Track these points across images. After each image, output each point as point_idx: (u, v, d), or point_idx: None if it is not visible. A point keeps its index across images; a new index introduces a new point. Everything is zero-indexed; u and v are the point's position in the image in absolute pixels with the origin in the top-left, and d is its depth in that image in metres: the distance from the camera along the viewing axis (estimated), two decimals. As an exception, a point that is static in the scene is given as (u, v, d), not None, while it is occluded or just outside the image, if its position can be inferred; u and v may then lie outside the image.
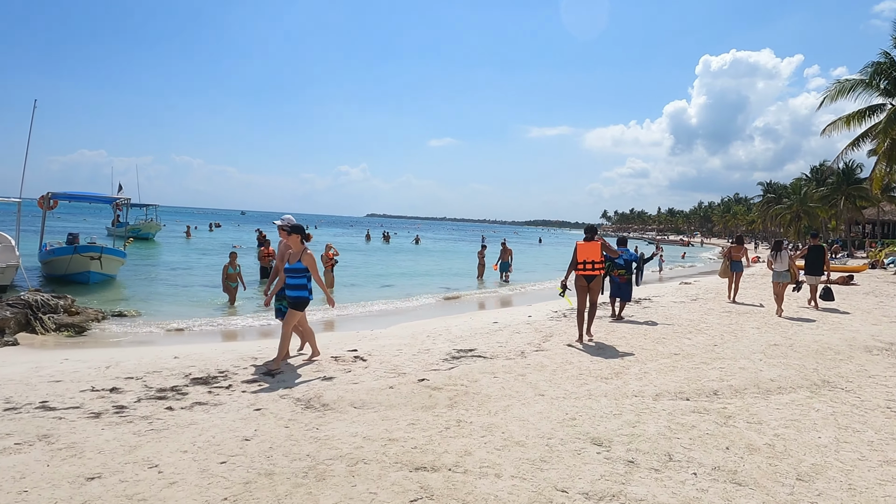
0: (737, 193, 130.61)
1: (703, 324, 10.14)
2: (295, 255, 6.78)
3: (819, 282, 13.35)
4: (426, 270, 26.89)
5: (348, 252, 36.93)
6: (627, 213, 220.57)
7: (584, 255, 8.35)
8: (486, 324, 10.57)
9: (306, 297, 6.83)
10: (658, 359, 7.30)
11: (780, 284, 12.03)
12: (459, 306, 14.79)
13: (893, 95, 22.82)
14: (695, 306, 12.93)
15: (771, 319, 10.87)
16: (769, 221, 77.26)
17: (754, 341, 8.49)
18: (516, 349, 7.90)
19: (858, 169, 49.00)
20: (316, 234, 70.15)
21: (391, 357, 7.46)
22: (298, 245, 6.81)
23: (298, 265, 6.72)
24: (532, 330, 9.57)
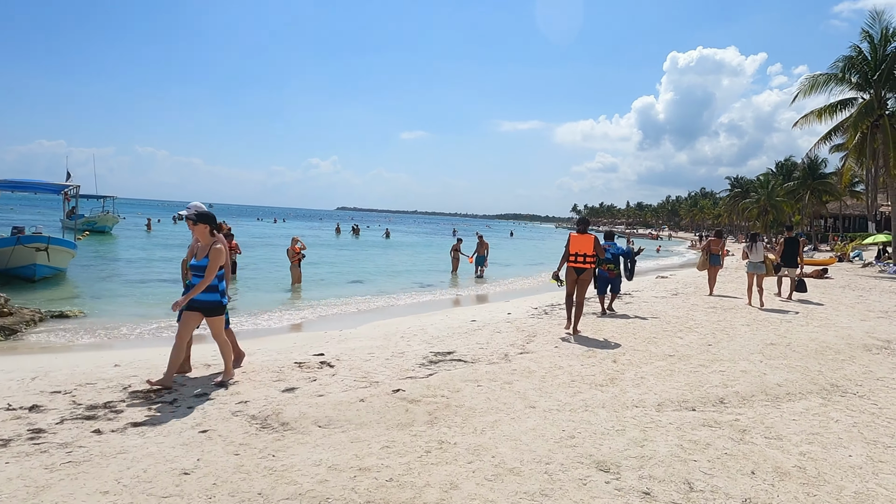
0: (703, 188, 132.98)
1: (692, 321, 9.67)
2: (203, 250, 5.67)
3: (794, 274, 13.52)
4: (398, 265, 26.12)
5: (317, 246, 35.87)
6: (597, 206, 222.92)
7: (577, 248, 8.31)
8: (463, 322, 9.92)
9: (218, 301, 5.73)
10: (653, 361, 6.74)
11: (756, 276, 12.17)
12: (435, 303, 14.11)
13: (864, 89, 22.91)
14: (678, 301, 12.51)
15: (759, 316, 10.48)
16: (735, 215, 78.63)
17: (749, 340, 8.02)
18: (499, 351, 7.26)
19: (823, 164, 50.01)
20: (284, 227, 68.55)
21: (362, 362, 6.73)
22: (207, 237, 5.72)
23: (206, 261, 5.62)
24: (514, 329, 8.95)
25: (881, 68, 21.99)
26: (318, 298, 13.99)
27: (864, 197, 51.90)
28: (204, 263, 5.60)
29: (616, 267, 10.62)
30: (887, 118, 22.07)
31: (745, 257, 12.39)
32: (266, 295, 14.24)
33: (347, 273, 21.06)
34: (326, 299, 13.86)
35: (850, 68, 23.07)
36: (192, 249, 5.82)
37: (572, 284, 8.43)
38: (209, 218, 5.74)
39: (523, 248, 48.23)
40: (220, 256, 5.63)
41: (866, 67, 22.60)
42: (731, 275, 20.22)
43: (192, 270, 5.68)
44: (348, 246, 39.18)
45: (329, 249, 34.59)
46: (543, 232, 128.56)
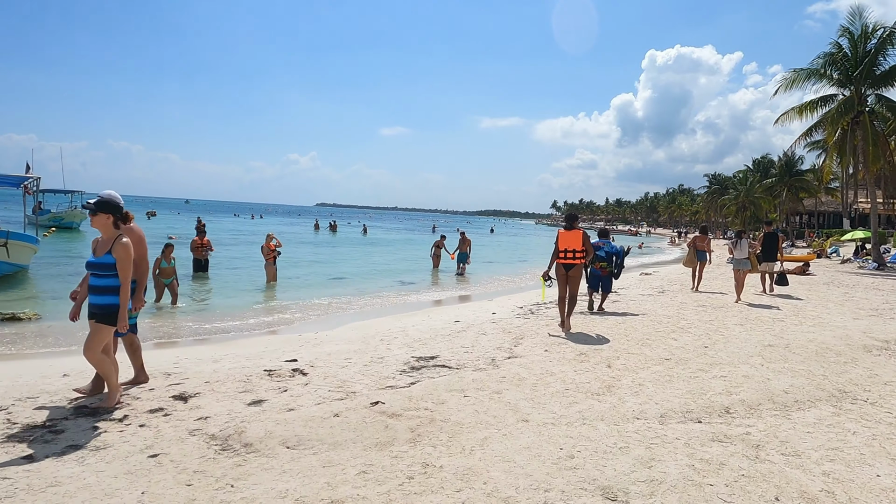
0: (681, 184, 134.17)
1: (683, 320, 9.32)
2: (104, 245, 4.74)
3: (773, 268, 13.73)
4: (378, 263, 25.54)
5: (294, 243, 35.10)
6: (576, 203, 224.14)
7: (565, 244, 8.23)
8: (446, 323, 9.44)
9: (115, 305, 4.67)
10: (649, 365, 6.34)
11: (741, 272, 12.34)
12: (416, 302, 13.61)
13: (845, 86, 22.94)
14: (665, 300, 12.19)
15: (751, 315, 10.19)
16: (713, 212, 79.44)
17: (745, 341, 7.68)
18: (486, 356, 6.79)
19: (800, 161, 50.61)
20: (262, 224, 67.27)
21: (338, 369, 6.21)
22: (109, 230, 4.77)
23: (107, 259, 4.65)
24: (500, 330, 8.50)
25: (863, 64, 22.02)
26: (293, 298, 13.38)
27: (839, 194, 52.83)
28: (104, 261, 4.65)
29: (609, 265, 10.33)
30: (867, 115, 22.12)
31: (730, 254, 12.37)
32: (239, 294, 13.60)
33: (325, 271, 20.44)
34: (303, 299, 13.26)
35: (831, 64, 23.08)
36: (93, 244, 4.92)
37: (563, 281, 8.24)
38: (111, 206, 4.79)
39: (505, 245, 47.91)
40: (128, 253, 4.69)
41: (847, 64, 22.62)
42: (714, 271, 20.07)
43: (88, 269, 4.77)
44: (326, 243, 38.43)
45: (307, 246, 33.84)
46: (524, 228, 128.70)
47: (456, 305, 12.62)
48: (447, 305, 12.86)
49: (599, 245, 10.12)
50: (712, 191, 74.61)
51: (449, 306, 12.60)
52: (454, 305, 12.72)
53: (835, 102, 23.40)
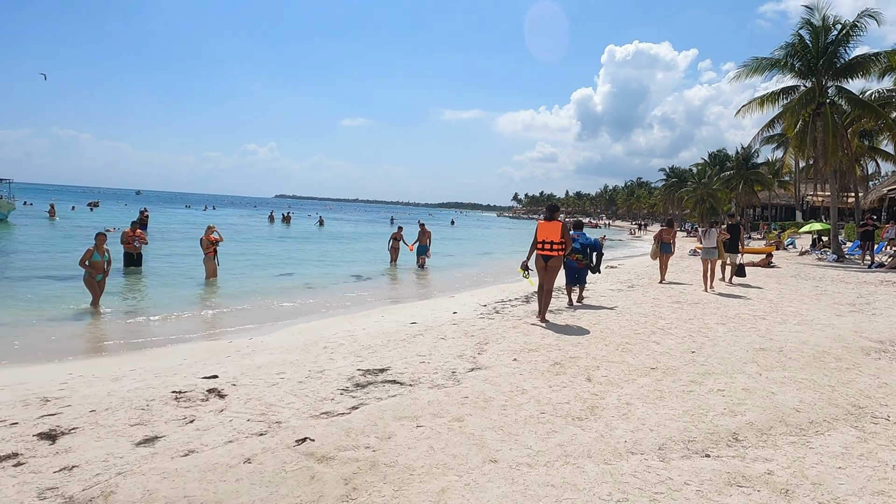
0: (639, 178, 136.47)
1: (662, 319, 8.54)
2: None
3: (736, 259, 13.93)
4: (332, 256, 24.23)
5: (245, 236, 33.40)
6: (537, 195, 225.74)
7: (544, 235, 8.09)
8: (402, 325, 8.41)
9: None
10: (634, 377, 5.46)
11: (709, 262, 12.63)
12: (370, 300, 12.50)
13: (806, 77, 22.81)
14: (637, 295, 11.46)
15: (729, 311, 9.50)
16: (671, 204, 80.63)
17: (734, 345, 6.91)
18: (445, 367, 5.80)
19: (756, 155, 51.38)
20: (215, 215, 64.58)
21: (265, 388, 5.11)
22: None
23: None
24: (461, 333, 7.51)
25: (824, 55, 21.90)
26: (233, 296, 12.08)
27: (791, 187, 54.06)
28: None
29: (585, 257, 10.03)
30: (828, 106, 22.04)
31: (700, 243, 12.64)
32: (172, 293, 12.20)
33: (275, 265, 19.05)
34: (243, 298, 11.98)
35: (793, 55, 22.90)
36: None
37: (542, 272, 8.22)
38: None
39: (466, 237, 47.08)
40: None
41: (808, 55, 22.48)
42: (678, 263, 19.65)
43: None
44: (279, 236, 36.72)
45: (258, 239, 32.15)
46: (485, 221, 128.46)
47: (414, 303, 11.58)
48: (404, 303, 11.81)
49: (574, 237, 9.86)
50: (670, 184, 75.53)
51: (406, 304, 11.55)
52: (412, 303, 11.68)
53: (796, 94, 23.27)
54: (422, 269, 19.03)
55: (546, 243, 8.07)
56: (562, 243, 8.04)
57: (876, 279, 15.61)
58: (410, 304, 11.31)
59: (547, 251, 8.08)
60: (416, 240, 19.89)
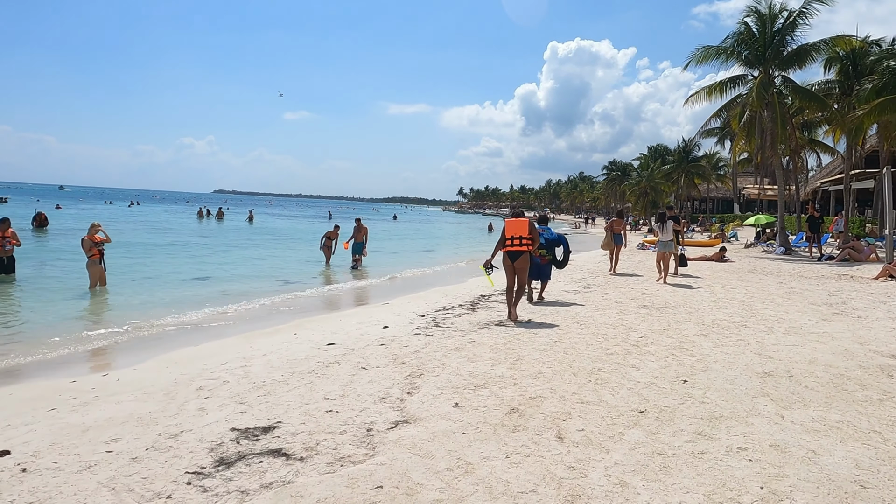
0: (581, 172, 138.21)
1: (632, 332, 7.13)
2: None
3: (677, 251, 13.94)
4: (261, 255, 22.00)
5: (167, 234, 30.52)
6: (482, 190, 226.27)
7: (512, 231, 8.04)
8: (316, 346, 6.65)
9: None
10: (621, 429, 3.94)
11: (665, 254, 12.65)
12: (290, 310, 10.61)
13: (754, 66, 22.32)
14: (596, 298, 10.11)
15: (703, 318, 8.22)
16: (612, 198, 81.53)
17: (730, 367, 5.52)
18: (359, 422, 4.11)
19: (696, 148, 52.02)
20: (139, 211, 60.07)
21: (70, 474, 3.28)
22: None
23: None
24: (389, 359, 5.84)
25: (771, 44, 21.42)
26: (118, 310, 9.95)
27: (729, 180, 55.12)
28: None
29: (549, 253, 9.76)
30: (776, 96, 21.60)
31: (655, 236, 12.90)
32: (39, 307, 9.95)
33: (187, 269, 16.75)
34: (130, 311, 9.86)
35: (741, 44, 22.37)
36: None
37: (510, 272, 8.08)
38: None
39: (409, 233, 45.32)
40: None
41: (756, 44, 21.97)
42: (629, 258, 18.68)
43: None
44: (205, 233, 33.86)
45: (180, 237, 29.32)
46: (430, 215, 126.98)
47: (340, 314, 9.79)
48: (329, 314, 9.99)
49: (539, 232, 9.35)
50: (612, 177, 76.25)
51: (331, 315, 9.75)
52: (337, 312, 9.88)
53: (744, 83, 22.78)
54: (356, 270, 17.20)
55: (515, 238, 8.03)
56: (530, 238, 8.09)
57: (832, 273, 15.01)
58: (335, 316, 9.50)
59: (516, 246, 8.03)
60: (350, 236, 18.06)
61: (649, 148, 62.18)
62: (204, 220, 45.89)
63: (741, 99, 22.69)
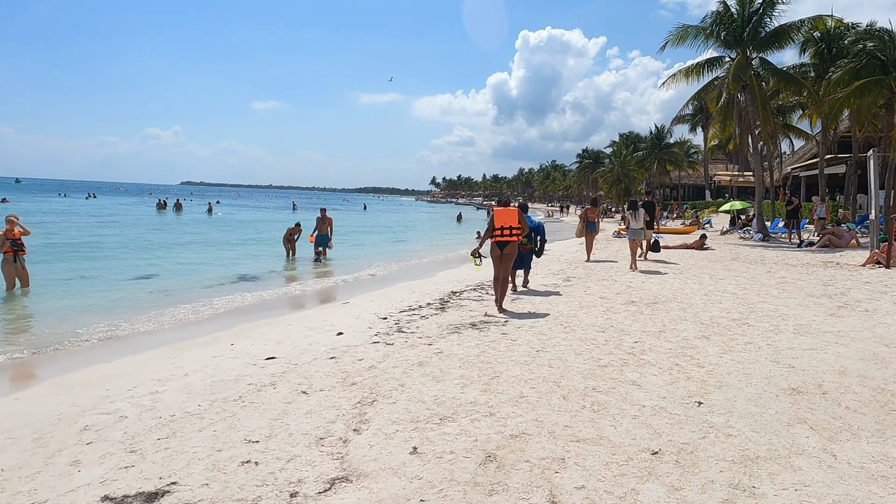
0: (553, 161, 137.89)
1: (625, 335, 6.17)
2: None
3: (650, 235, 14.07)
4: (219, 249, 20.59)
5: (120, 227, 28.74)
6: (455, 179, 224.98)
7: (502, 221, 7.94)
8: (252, 361, 5.54)
9: None
10: (633, 482, 2.93)
11: (636, 241, 12.61)
12: (234, 312, 9.42)
13: (733, 48, 21.64)
14: (578, 293, 9.19)
15: (701, 316, 7.33)
16: (585, 185, 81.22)
17: (748, 382, 4.59)
18: (281, 481, 3.04)
19: (668, 135, 51.70)
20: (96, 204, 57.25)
21: None
22: None
23: None
24: (337, 379, 4.77)
25: (750, 24, 20.75)
26: (32, 317, 8.63)
27: (700, 167, 55.08)
28: None
29: (529, 242, 9.49)
30: (754, 78, 20.98)
31: (627, 224, 12.68)
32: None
33: (135, 265, 15.34)
34: (46, 318, 8.55)
35: (719, 24, 21.67)
36: None
37: (498, 261, 8.01)
38: None
39: (379, 224, 44.02)
40: None
41: (734, 24, 21.29)
42: (605, 246, 17.89)
43: None
44: (161, 226, 32.07)
45: (132, 230, 27.58)
46: (403, 205, 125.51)
47: (291, 316, 8.64)
48: (279, 315, 8.83)
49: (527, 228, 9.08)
50: (584, 165, 75.85)
51: (281, 317, 8.60)
52: (288, 316, 8.73)
53: (722, 66, 22.12)
54: (319, 263, 16.00)
55: (505, 228, 7.95)
56: (520, 228, 8.05)
57: (816, 260, 14.44)
58: (286, 319, 8.35)
59: (506, 237, 7.96)
60: (314, 228, 16.83)
61: (621, 135, 61.81)
62: (163, 212, 43.78)
63: (718, 81, 22.03)
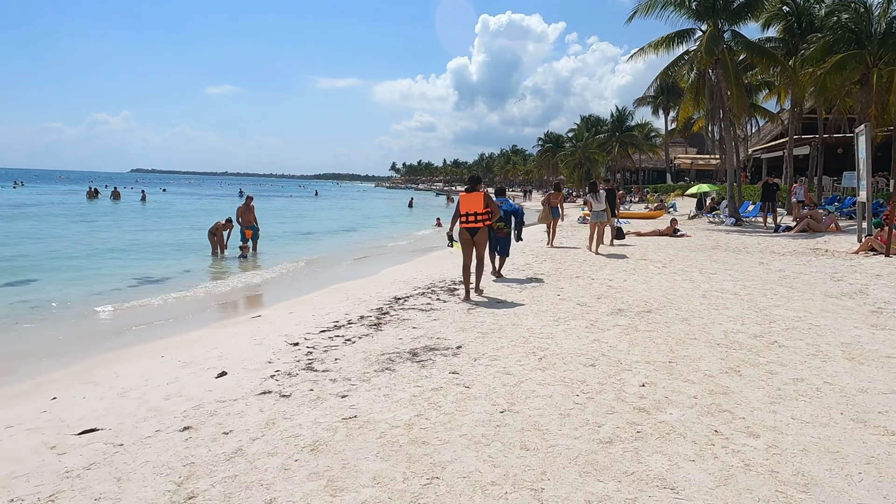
0: (514, 145, 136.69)
1: (623, 370, 4.36)
2: None
3: (612, 222, 13.69)
4: (140, 244, 18.03)
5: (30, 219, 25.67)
6: (415, 164, 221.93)
7: (467, 207, 7.69)
8: (63, 428, 3.52)
9: None
10: None
11: (598, 225, 12.38)
12: (106, 332, 7.25)
13: (704, 19, 20.19)
14: (551, 298, 7.43)
15: (712, 330, 5.62)
16: (546, 170, 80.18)
17: (842, 467, 2.85)
18: None
19: (629, 117, 50.70)
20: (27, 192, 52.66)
21: None
22: None
23: None
24: (165, 487, 2.81)
25: (721, -6, 19.34)
26: None
27: (660, 150, 54.34)
28: None
29: (507, 226, 9.26)
30: (726, 52, 19.61)
31: (589, 208, 12.46)
32: None
33: (21, 265, 12.84)
34: None
35: (689, -7, 20.17)
36: None
37: (468, 247, 7.71)
38: None
39: (330, 212, 41.58)
40: None
41: (706, -7, 19.82)
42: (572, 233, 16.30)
43: None
44: (89, 216, 28.93)
45: (50, 223, 24.54)
46: (360, 191, 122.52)
47: (169, 341, 6.47)
48: (150, 341, 6.66)
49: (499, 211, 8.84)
50: (545, 149, 74.67)
51: (152, 343, 6.46)
52: (165, 341, 6.56)
53: (691, 38, 20.68)
54: (245, 259, 13.82)
55: (470, 215, 7.70)
56: (487, 212, 7.76)
57: (801, 247, 13.20)
58: (159, 347, 6.19)
59: (472, 223, 7.70)
60: (236, 216, 14.60)
61: (582, 118, 60.66)
62: (95, 201, 40.20)
63: (689, 55, 20.59)
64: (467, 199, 7.72)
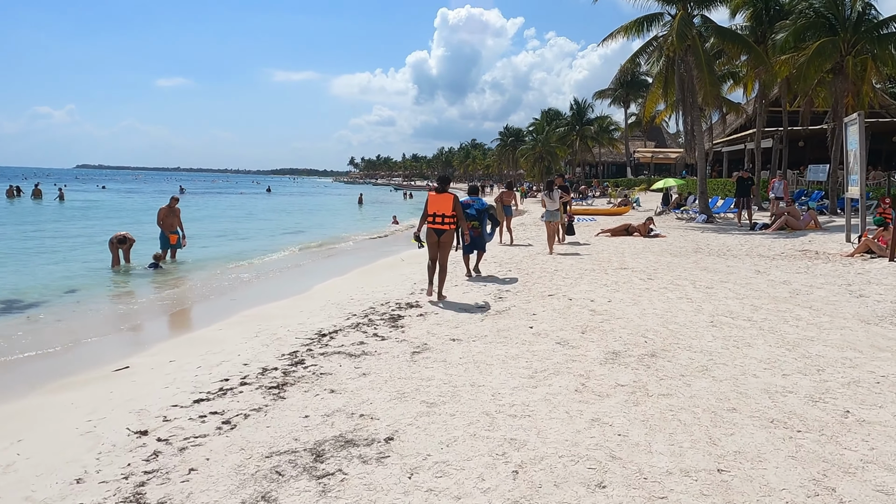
0: (473, 140, 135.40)
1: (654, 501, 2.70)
2: None
3: (564, 219, 13.61)
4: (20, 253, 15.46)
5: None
6: (374, 159, 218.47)
7: (435, 207, 7.58)
8: None
9: None
10: None
11: (552, 223, 12.18)
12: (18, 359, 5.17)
13: (673, 2, 18.89)
14: (521, 334, 5.73)
15: (749, 389, 3.99)
16: (505, 164, 79.08)
17: None
18: None
19: (590, 109, 49.76)
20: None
21: None
22: None
23: None
24: None
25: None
26: None
27: (620, 144, 53.60)
28: None
29: (480, 225, 9.03)
30: (697, 38, 18.37)
31: (543, 206, 12.34)
32: None
33: None
34: None
35: (658, -25, 18.83)
36: None
37: (434, 248, 7.61)
38: None
39: (281, 210, 39.08)
40: None
41: (675, -27, 18.52)
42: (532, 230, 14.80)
43: None
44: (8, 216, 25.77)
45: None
46: (317, 186, 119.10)
47: (24, 404, 4.54)
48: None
49: (469, 203, 9.23)
50: (506, 143, 73.52)
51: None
52: (20, 404, 4.60)
53: (661, 22, 19.36)
54: (159, 267, 11.68)
55: (437, 216, 7.53)
56: (453, 216, 7.55)
57: (787, 247, 12.12)
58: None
59: (439, 225, 7.53)
60: (157, 219, 12.48)
61: (542, 112, 59.52)
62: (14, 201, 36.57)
63: (658, 41, 19.29)
64: (436, 200, 7.58)
